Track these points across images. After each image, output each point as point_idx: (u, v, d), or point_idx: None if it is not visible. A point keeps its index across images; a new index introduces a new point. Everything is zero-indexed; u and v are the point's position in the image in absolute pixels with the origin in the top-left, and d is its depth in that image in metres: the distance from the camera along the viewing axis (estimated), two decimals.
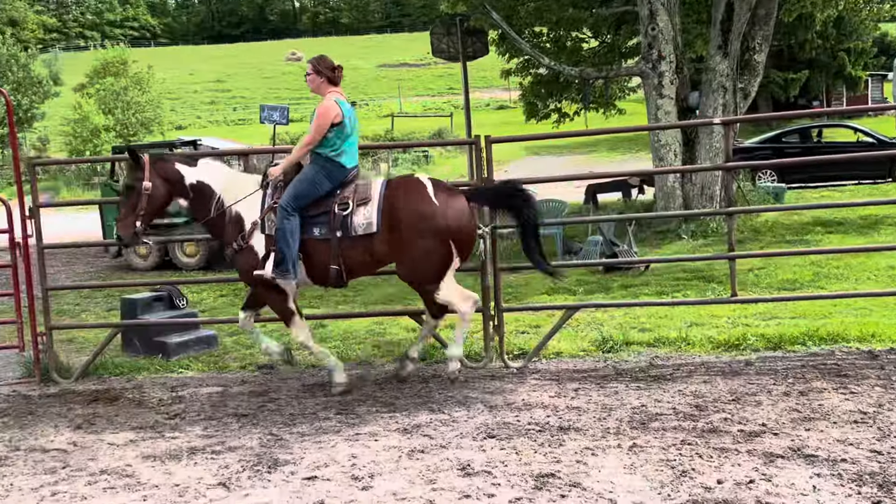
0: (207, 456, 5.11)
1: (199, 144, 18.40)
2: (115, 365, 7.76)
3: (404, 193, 6.14)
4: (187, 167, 6.35)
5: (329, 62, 6.34)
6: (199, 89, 64.98)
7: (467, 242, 6.26)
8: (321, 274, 6.25)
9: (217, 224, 6.37)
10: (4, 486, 4.73)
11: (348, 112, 6.27)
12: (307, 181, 6.16)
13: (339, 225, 6.09)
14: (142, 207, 6.20)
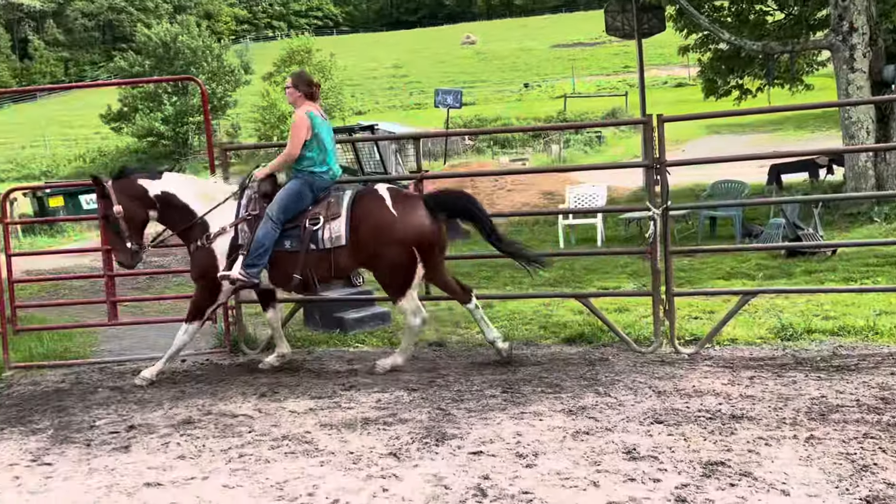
0: (380, 427, 5.33)
1: (377, 129, 19.05)
2: (297, 338, 8.21)
3: (365, 207, 6.49)
4: (149, 180, 6.70)
5: (307, 78, 6.75)
6: (378, 75, 66.94)
7: (429, 247, 6.51)
8: (283, 281, 6.63)
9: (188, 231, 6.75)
10: (197, 447, 5.14)
11: (319, 125, 6.61)
12: (294, 194, 6.54)
13: (308, 239, 6.46)
14: (124, 230, 6.60)
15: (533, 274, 7.17)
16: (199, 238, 6.63)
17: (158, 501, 4.27)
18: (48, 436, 5.58)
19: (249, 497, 4.26)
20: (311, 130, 6.56)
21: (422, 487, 4.27)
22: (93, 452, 5.15)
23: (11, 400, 6.70)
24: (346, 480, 4.42)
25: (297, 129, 6.54)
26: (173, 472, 4.71)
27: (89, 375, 7.46)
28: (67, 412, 6.18)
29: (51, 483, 4.65)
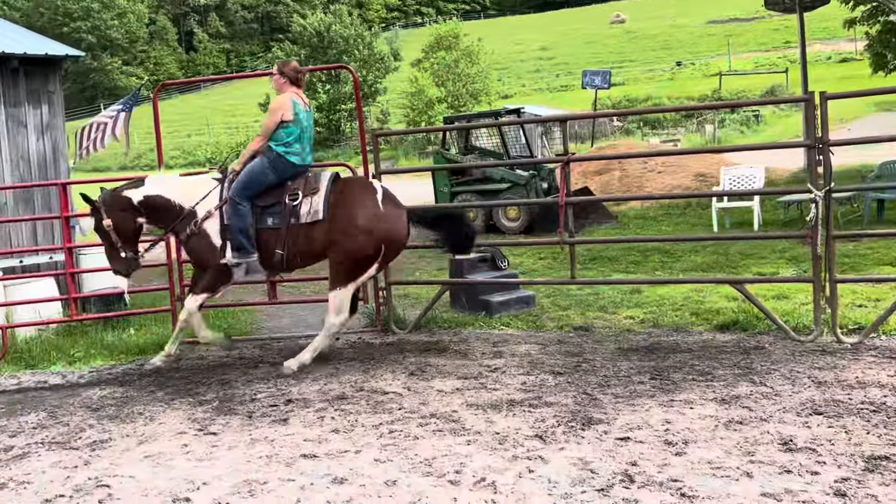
0: (525, 409, 5.36)
1: (523, 112, 18.99)
2: (444, 319, 8.36)
3: (356, 192, 6.69)
4: (133, 189, 6.88)
5: (293, 66, 6.91)
6: (525, 58, 66.63)
7: (395, 249, 6.87)
8: (268, 259, 6.73)
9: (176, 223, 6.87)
10: (350, 422, 5.33)
11: (301, 112, 6.74)
12: (254, 172, 6.65)
13: (289, 214, 6.60)
14: (116, 240, 6.86)
15: None
16: (188, 226, 6.81)
17: (315, 472, 4.47)
18: (213, 407, 5.93)
19: (400, 471, 4.38)
20: (291, 113, 6.69)
21: (567, 470, 4.27)
22: (254, 424, 5.45)
23: (180, 373, 7.17)
24: (492, 460, 4.48)
25: (274, 110, 6.72)
26: (328, 444, 4.91)
27: (250, 351, 7.87)
28: (230, 385, 6.55)
29: (216, 451, 4.95)
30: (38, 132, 10.00)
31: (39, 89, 10.03)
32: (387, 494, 4.09)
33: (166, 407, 6.03)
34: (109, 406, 6.18)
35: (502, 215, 16.24)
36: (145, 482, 4.50)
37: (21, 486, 4.59)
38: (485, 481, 4.19)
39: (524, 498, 3.96)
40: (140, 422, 5.69)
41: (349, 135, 46.60)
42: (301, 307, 9.88)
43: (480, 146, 17.95)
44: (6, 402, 6.58)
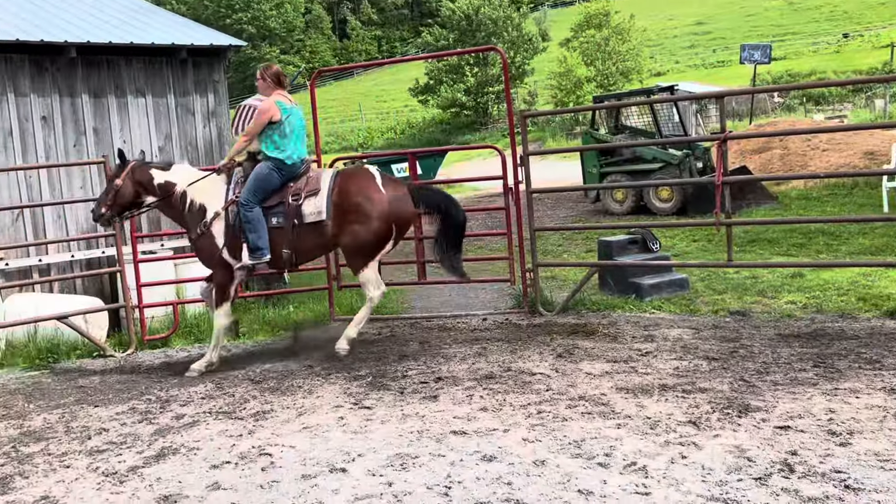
0: (678, 394, 5.23)
1: (676, 89, 18.43)
2: (592, 302, 8.26)
3: (355, 181, 6.87)
4: (160, 171, 7.13)
5: (273, 70, 7.12)
6: (679, 33, 64.50)
7: (404, 227, 7.04)
8: (277, 259, 6.90)
9: (183, 216, 7.09)
10: (498, 401, 5.38)
11: (287, 111, 6.88)
12: (261, 177, 6.82)
13: (293, 214, 6.78)
14: (110, 198, 7.06)
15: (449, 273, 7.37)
16: (198, 226, 6.96)
17: (464, 449, 4.54)
18: (367, 382, 6.13)
19: (548, 452, 4.38)
20: (280, 113, 6.83)
21: (723, 457, 4.14)
22: (405, 400, 5.59)
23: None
24: (643, 444, 4.40)
25: (261, 113, 6.85)
26: (477, 422, 4.97)
27: (401, 329, 8.06)
28: (383, 362, 6.74)
29: (370, 425, 5.11)
30: (205, 119, 10.59)
31: (206, 79, 10.60)
32: (535, 474, 4.11)
33: (323, 381, 6.28)
34: (271, 379, 6.50)
35: (654, 196, 15.83)
36: (304, 452, 4.71)
37: (191, 451, 4.90)
38: (635, 465, 4.13)
39: (677, 483, 3.88)
40: (299, 395, 5.95)
41: (496, 117, 46.66)
42: (449, 287, 10.03)
43: (631, 125, 17.56)
44: (177, 373, 7.04)
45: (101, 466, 4.76)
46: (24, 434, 5.56)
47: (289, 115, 6.90)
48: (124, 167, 7.12)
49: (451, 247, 7.16)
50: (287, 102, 6.97)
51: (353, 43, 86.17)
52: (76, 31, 9.81)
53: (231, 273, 6.96)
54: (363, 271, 6.91)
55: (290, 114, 6.92)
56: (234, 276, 7.00)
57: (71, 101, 9.62)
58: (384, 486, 4.11)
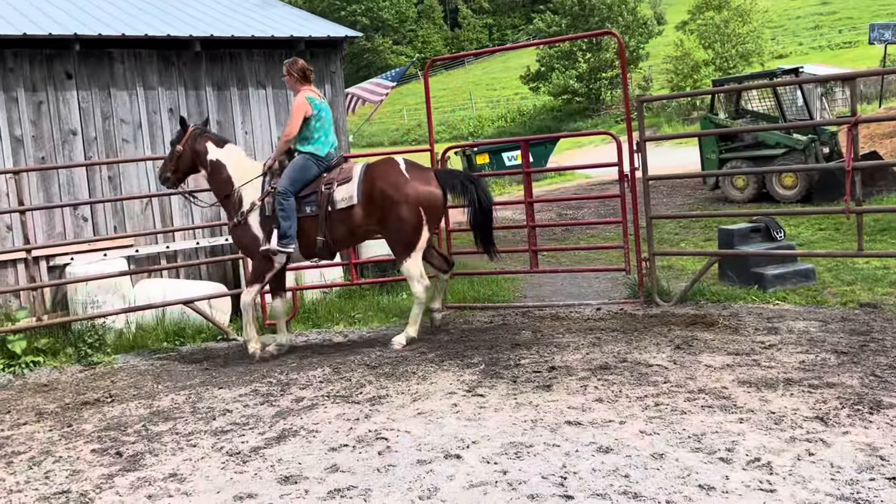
0: (804, 389, 5.02)
1: (801, 71, 17.68)
2: (712, 292, 8.02)
3: (381, 170, 7.08)
4: (214, 146, 7.40)
5: (300, 65, 7.23)
6: (803, 14, 61.78)
7: (434, 210, 7.09)
8: (309, 245, 7.15)
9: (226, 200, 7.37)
10: (614, 392, 5.29)
11: (317, 106, 7.12)
12: (298, 168, 7.09)
13: (325, 201, 7.01)
14: (173, 164, 7.45)
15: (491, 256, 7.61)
16: (235, 215, 7.24)
17: (579, 439, 4.48)
18: (480, 370, 6.14)
19: (667, 445, 4.28)
20: (311, 110, 7.07)
21: (853, 455, 3.95)
22: (518, 389, 5.56)
23: (449, 336, 7.48)
24: (767, 440, 4.24)
25: (296, 110, 7.07)
26: (592, 413, 4.91)
27: (514, 318, 8.04)
28: (496, 350, 6.73)
29: (483, 413, 5.11)
30: None
31: (323, 70, 10.82)
32: (654, 467, 4.02)
33: (437, 368, 6.32)
34: (386, 364, 6.60)
35: (777, 183, 15.24)
36: (419, 437, 4.75)
37: (311, 434, 5.02)
38: (759, 461, 3.98)
39: (803, 481, 3.72)
40: (413, 381, 6.02)
41: (609, 103, 45.88)
42: (562, 276, 9.94)
43: (752, 109, 16.94)
44: (297, 357, 7.23)
45: (226, 446, 4.94)
46: (153, 413, 5.83)
47: (319, 110, 7.15)
48: (184, 132, 7.45)
49: (479, 231, 7.37)
50: (317, 97, 7.21)
51: (464, 32, 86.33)
52: (200, 25, 10.19)
53: (271, 262, 7.20)
54: (404, 263, 7.08)
55: (319, 108, 7.16)
56: (276, 263, 7.21)
57: (196, 93, 10.00)
58: (499, 473, 4.11)
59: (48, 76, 9.21)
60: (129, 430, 5.44)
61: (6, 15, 9.51)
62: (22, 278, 8.92)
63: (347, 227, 7.11)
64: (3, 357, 7.58)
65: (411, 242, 7.03)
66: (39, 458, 5.04)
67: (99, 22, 9.74)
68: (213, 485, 4.34)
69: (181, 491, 4.29)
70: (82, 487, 4.46)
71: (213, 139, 7.50)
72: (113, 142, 9.53)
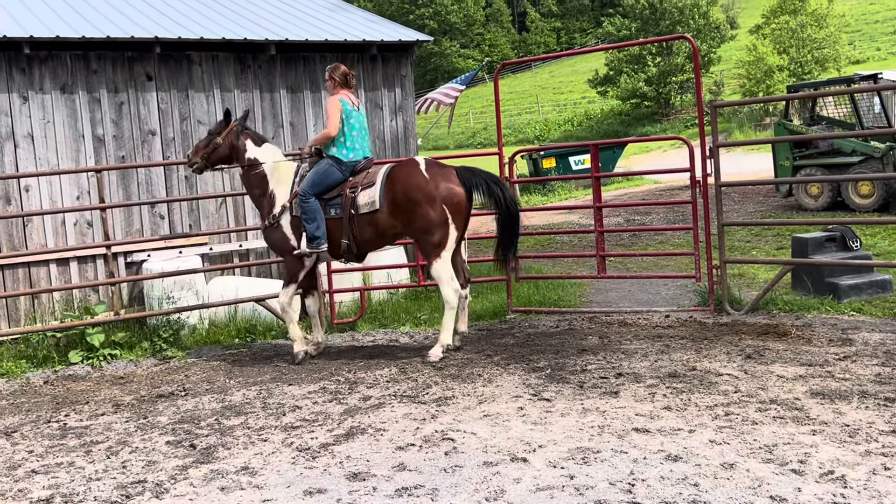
0: (879, 402, 4.90)
1: (880, 78, 17.19)
2: (785, 302, 7.87)
3: (401, 171, 7.05)
4: (253, 144, 7.49)
5: (342, 70, 7.30)
6: (881, 18, 59.99)
7: (458, 208, 6.95)
8: (336, 248, 7.21)
9: (260, 199, 7.49)
10: (683, 400, 5.23)
11: (348, 111, 7.16)
12: (320, 172, 7.16)
13: (349, 205, 7.04)
14: (208, 151, 7.52)
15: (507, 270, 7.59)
16: (267, 216, 7.36)
17: (647, 447, 4.45)
18: (546, 374, 6.14)
19: (738, 455, 4.23)
20: (341, 114, 7.12)
21: None
22: (585, 394, 5.55)
23: (515, 339, 7.49)
24: (840, 453, 4.16)
25: (332, 111, 7.15)
26: (660, 421, 4.87)
27: (580, 323, 8.00)
28: (562, 355, 6.72)
29: (549, 417, 5.11)
30: (392, 113, 10.93)
31: (393, 73, 10.94)
32: (724, 476, 3.97)
33: (502, 371, 6.34)
34: (451, 366, 6.64)
35: (853, 191, 14.85)
36: (485, 439, 4.78)
37: (378, 432, 5.09)
38: (833, 474, 3.90)
39: (879, 496, 3.64)
40: (479, 383, 6.05)
41: (678, 108, 45.23)
42: (629, 282, 9.86)
43: (828, 116, 16.53)
44: (364, 356, 7.33)
45: (296, 442, 5.04)
46: (225, 408, 5.97)
47: (349, 115, 7.19)
48: (227, 126, 7.54)
49: (504, 237, 7.25)
50: (350, 103, 7.24)
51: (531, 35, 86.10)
52: (276, 29, 10.40)
53: (301, 262, 7.29)
54: (433, 265, 6.98)
55: (349, 114, 7.20)
56: (305, 264, 7.30)
57: (270, 96, 10.21)
58: (565, 478, 4.11)
59: (129, 78, 9.51)
60: (203, 424, 5.59)
61: (91, 18, 9.86)
62: (101, 273, 9.22)
63: (374, 230, 7.12)
64: (82, 349, 7.85)
65: (440, 242, 6.93)
66: (116, 447, 5.21)
67: (178, 25, 10.02)
68: (283, 479, 4.43)
69: (252, 484, 4.40)
70: (158, 478, 4.60)
71: (252, 137, 7.59)
72: (190, 142, 9.78)
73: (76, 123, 9.25)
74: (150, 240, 9.19)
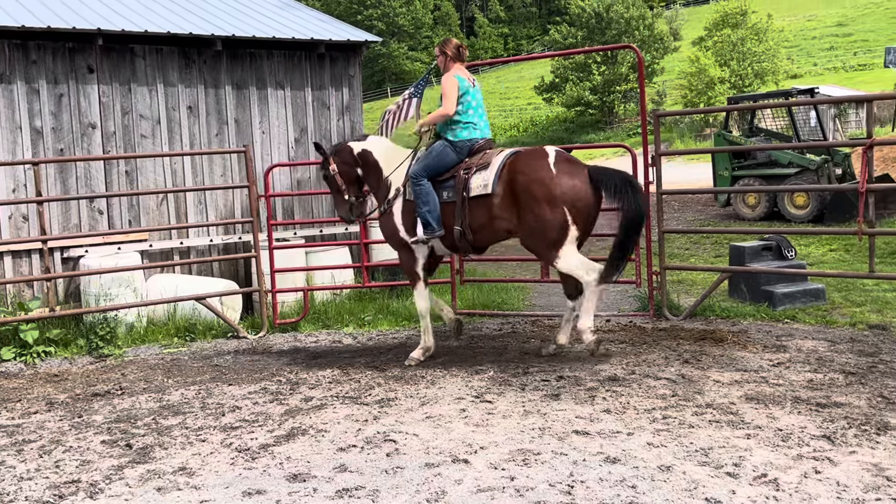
0: (812, 407, 5.03)
1: (816, 92, 17.71)
2: (722, 308, 8.04)
3: (525, 160, 6.34)
4: (357, 143, 7.11)
5: (454, 44, 6.83)
6: (818, 34, 61.77)
7: (583, 211, 6.22)
8: (450, 236, 6.61)
9: (378, 190, 7.02)
10: (622, 403, 5.31)
11: (464, 88, 6.62)
12: (434, 153, 6.66)
13: (461, 187, 6.47)
14: (341, 184, 7.07)
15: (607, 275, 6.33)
16: (382, 203, 6.93)
17: (587, 449, 4.51)
18: (489, 377, 6.16)
19: (675, 458, 4.30)
20: (458, 91, 6.59)
21: (859, 475, 3.97)
22: (526, 396, 5.59)
23: (458, 342, 7.50)
24: (773, 456, 4.26)
25: (450, 88, 6.61)
26: (599, 423, 4.93)
27: (523, 326, 8.07)
28: (504, 357, 6.77)
29: (492, 419, 5.14)
30: (340, 113, 10.88)
31: (341, 73, 10.89)
32: (661, 479, 4.04)
33: (445, 373, 6.36)
34: (394, 367, 6.63)
35: (788, 202, 15.26)
36: (427, 441, 4.79)
37: (319, 433, 5.06)
38: (766, 477, 4.00)
39: (809, 499, 3.74)
40: (422, 384, 6.05)
41: (622, 116, 45.94)
42: None
43: (766, 128, 16.96)
44: (306, 357, 7.28)
45: (235, 442, 4.98)
46: (163, 407, 5.87)
47: (465, 93, 6.67)
48: (326, 156, 7.16)
49: (622, 243, 6.36)
50: (466, 79, 6.72)
51: (479, 40, 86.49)
52: (223, 24, 10.27)
53: (413, 255, 6.86)
54: (557, 262, 6.30)
55: (466, 91, 6.67)
56: (417, 255, 6.86)
57: (215, 92, 10.08)
58: (506, 479, 4.14)
59: (70, 69, 9.29)
60: (139, 423, 5.49)
61: (31, 7, 9.61)
62: (36, 268, 8.99)
63: (485, 218, 6.46)
64: (15, 346, 7.64)
65: (556, 240, 6.22)
66: (49, 447, 5.09)
67: (122, 17, 9.83)
68: (221, 480, 4.38)
69: (190, 485, 4.33)
70: (92, 478, 4.51)
71: (352, 140, 7.23)
72: (131, 137, 9.61)
73: (13, 115, 9.01)
74: (88, 235, 9.00)
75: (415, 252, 6.84)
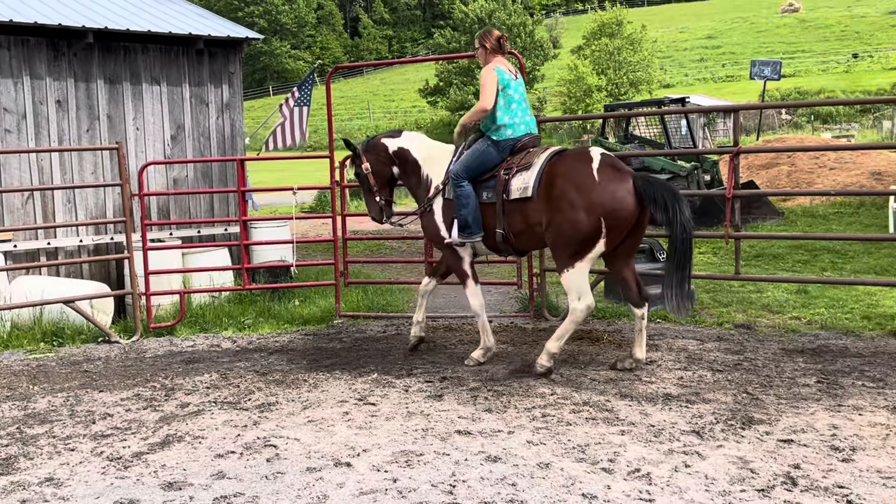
0: (682, 404, 5.25)
1: (687, 102, 18.48)
2: (598, 309, 8.26)
3: (567, 163, 5.98)
4: (390, 139, 6.87)
5: (496, 35, 6.47)
6: (690, 46, 64.60)
7: (619, 224, 5.80)
8: (491, 238, 6.35)
9: (417, 189, 6.80)
10: (503, 403, 5.39)
11: (504, 81, 6.30)
12: (475, 153, 6.37)
13: (501, 188, 6.18)
14: (373, 184, 6.86)
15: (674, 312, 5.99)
16: (422, 201, 6.71)
17: (468, 448, 4.56)
18: (372, 379, 6.15)
19: (553, 455, 4.40)
20: (498, 85, 6.29)
21: (726, 468, 4.16)
22: (410, 398, 5.60)
23: (342, 344, 7.46)
24: (646, 452, 4.42)
25: (489, 82, 6.27)
26: (481, 423, 4.99)
27: (407, 328, 8.07)
28: (388, 359, 6.76)
29: (375, 421, 5.13)
30: (219, 111, 10.62)
31: (221, 70, 10.63)
32: (540, 476, 4.13)
33: (328, 376, 6.30)
34: (276, 371, 6.52)
35: None
36: (309, 445, 4.73)
37: (196, 440, 4.92)
38: (639, 472, 4.15)
39: (680, 492, 3.90)
40: (304, 388, 5.97)
41: None
42: (455, 288, 10.04)
43: (640, 135, 17.59)
44: (182, 362, 7.06)
45: (106, 451, 4.78)
46: (28, 416, 5.58)
47: (506, 86, 6.33)
48: (358, 153, 6.89)
49: (674, 266, 5.90)
50: (507, 71, 6.40)
51: (364, 41, 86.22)
52: (95, 16, 9.85)
53: (458, 254, 6.57)
54: (566, 273, 5.94)
55: (507, 84, 6.34)
56: (462, 254, 6.56)
57: (86, 86, 9.66)
58: (389, 482, 4.13)
59: None
60: (2, 433, 5.20)
61: None
62: None
63: (525, 222, 6.13)
64: None
65: (579, 252, 5.85)
66: None
67: None
68: (92, 490, 4.20)
69: (58, 496, 4.13)
70: None
71: (385, 136, 6.93)
72: None
73: None
74: None
75: (458, 251, 6.57)
